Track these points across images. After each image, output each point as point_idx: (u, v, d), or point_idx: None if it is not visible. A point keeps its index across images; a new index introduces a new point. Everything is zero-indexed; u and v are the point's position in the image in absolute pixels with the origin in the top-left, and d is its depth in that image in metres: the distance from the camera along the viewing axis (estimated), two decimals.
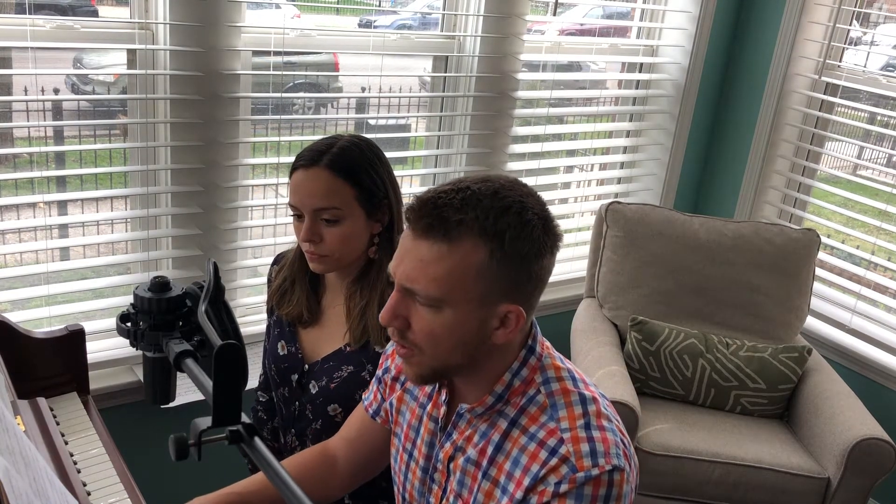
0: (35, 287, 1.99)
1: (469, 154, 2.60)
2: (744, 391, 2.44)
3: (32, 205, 2.13)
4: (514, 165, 2.73)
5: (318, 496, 1.32)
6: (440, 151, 2.60)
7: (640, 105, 3.05)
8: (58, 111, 2.48)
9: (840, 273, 2.94)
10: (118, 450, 1.51)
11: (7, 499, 0.95)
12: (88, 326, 1.83)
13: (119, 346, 2.11)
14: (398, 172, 1.54)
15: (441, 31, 2.50)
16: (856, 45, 2.99)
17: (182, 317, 1.01)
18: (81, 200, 2.28)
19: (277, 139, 2.23)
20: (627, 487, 1.03)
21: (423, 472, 1.21)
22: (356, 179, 1.40)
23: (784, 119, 2.97)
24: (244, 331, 2.11)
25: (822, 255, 2.85)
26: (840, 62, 2.88)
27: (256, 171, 2.26)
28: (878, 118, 3.13)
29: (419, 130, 2.86)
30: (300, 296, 1.54)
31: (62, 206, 2.52)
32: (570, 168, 3.22)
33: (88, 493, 1.36)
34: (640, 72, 3.01)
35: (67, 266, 2.05)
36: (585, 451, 1.02)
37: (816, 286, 2.79)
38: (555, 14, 2.76)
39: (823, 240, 2.75)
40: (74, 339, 1.68)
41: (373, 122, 2.74)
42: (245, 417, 0.86)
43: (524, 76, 2.60)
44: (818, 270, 2.85)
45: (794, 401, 2.46)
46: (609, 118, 3.21)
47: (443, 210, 1.01)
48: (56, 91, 2.24)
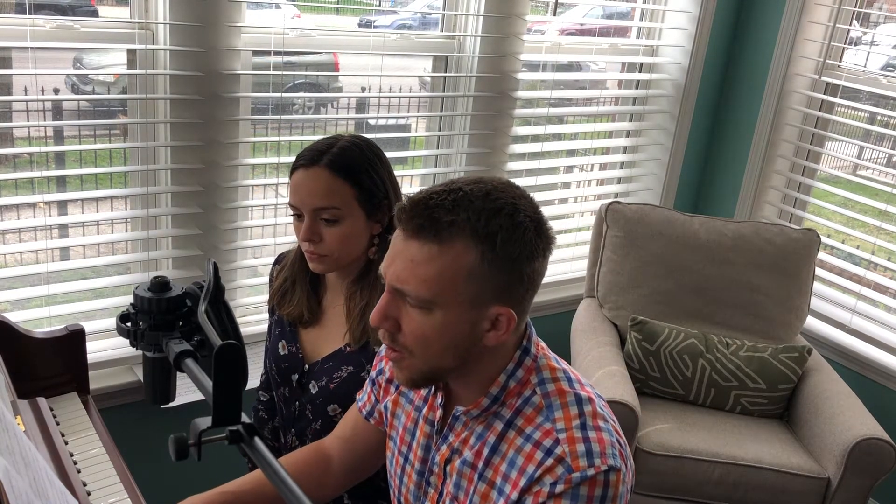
0: (35, 287, 1.99)
1: (469, 154, 2.60)
2: (744, 391, 2.44)
3: (32, 205, 2.13)
4: (514, 165, 2.73)
5: (314, 495, 1.31)
6: (440, 151, 2.60)
7: (640, 105, 3.05)
8: (58, 111, 2.48)
9: (840, 273, 2.94)
10: (118, 450, 1.51)
11: (7, 499, 0.95)
12: (88, 326, 1.83)
13: (119, 346, 2.11)
14: (398, 172, 1.54)
15: (441, 31, 2.50)
16: (856, 45, 2.99)
17: (182, 317, 1.01)
18: (81, 200, 2.28)
19: (277, 139, 2.23)
20: (623, 488, 1.02)
21: (419, 476, 1.20)
22: (356, 179, 1.41)
23: (784, 119, 2.97)
24: (244, 331, 2.11)
25: (822, 255, 2.85)
26: (840, 62, 2.88)
27: (256, 171, 2.26)
28: (878, 118, 3.13)
29: (419, 130, 2.86)
30: (301, 296, 1.54)
31: (62, 206, 2.52)
32: (570, 168, 3.22)
33: (88, 493, 1.36)
34: (640, 72, 3.01)
35: (67, 266, 2.05)
36: (581, 452, 1.01)
37: (816, 286, 2.79)
38: (555, 14, 2.76)
39: (823, 240, 2.75)
40: (74, 339, 1.68)
41: (373, 122, 2.74)
42: (245, 417, 0.86)
43: (524, 76, 2.60)
44: (818, 270, 2.85)
45: (794, 401, 2.46)
46: (609, 118, 3.21)
47: (434, 211, 1.00)
48: (56, 91, 2.24)
